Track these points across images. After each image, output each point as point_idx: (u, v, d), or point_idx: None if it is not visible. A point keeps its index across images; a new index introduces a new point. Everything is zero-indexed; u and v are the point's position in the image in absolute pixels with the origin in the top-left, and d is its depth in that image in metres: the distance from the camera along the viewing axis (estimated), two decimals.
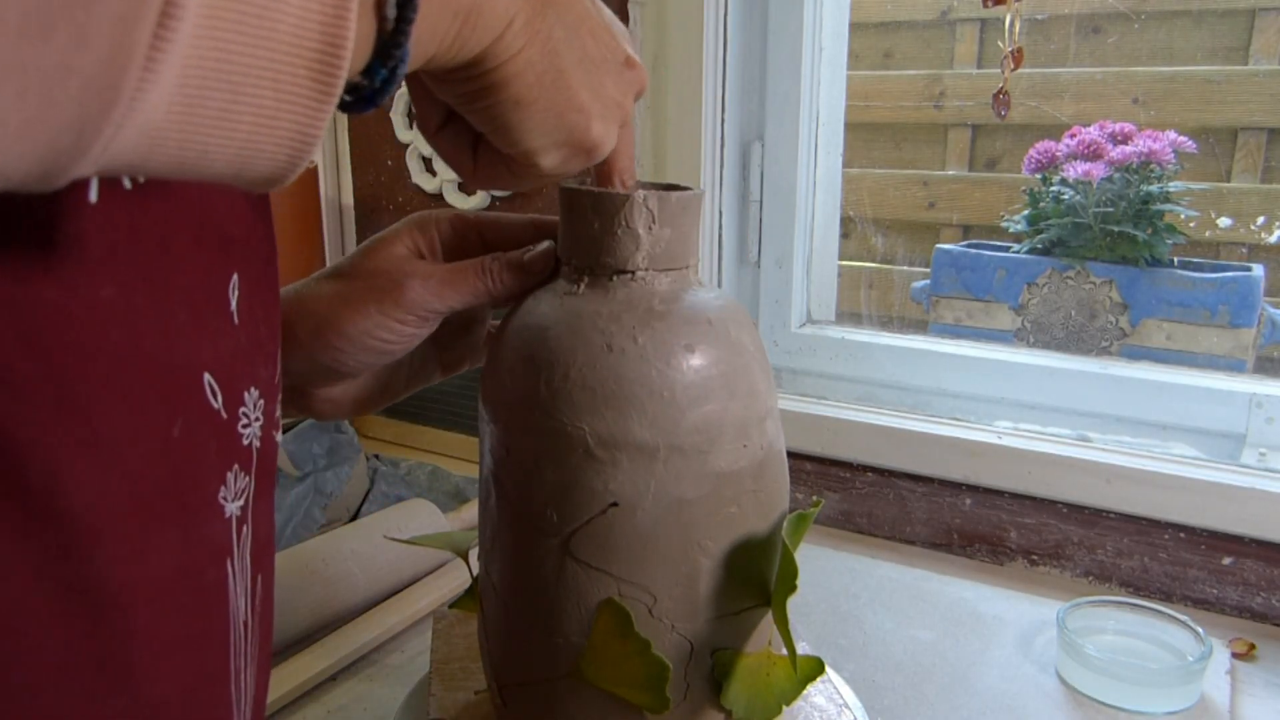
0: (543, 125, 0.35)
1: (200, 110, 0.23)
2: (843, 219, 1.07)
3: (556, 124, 0.36)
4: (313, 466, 0.88)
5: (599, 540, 0.41)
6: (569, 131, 0.36)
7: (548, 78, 0.34)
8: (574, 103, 0.36)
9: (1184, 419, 0.86)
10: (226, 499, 0.33)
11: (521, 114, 0.35)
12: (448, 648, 0.57)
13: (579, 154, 0.37)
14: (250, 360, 0.34)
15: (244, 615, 0.35)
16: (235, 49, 0.22)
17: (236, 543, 0.34)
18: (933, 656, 0.71)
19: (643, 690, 0.40)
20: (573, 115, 0.36)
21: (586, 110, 0.36)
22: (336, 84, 0.25)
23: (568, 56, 0.35)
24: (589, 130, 0.37)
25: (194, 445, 0.31)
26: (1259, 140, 1.02)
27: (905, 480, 0.91)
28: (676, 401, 0.40)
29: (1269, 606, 0.77)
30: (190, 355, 0.31)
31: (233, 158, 0.24)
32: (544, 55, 0.34)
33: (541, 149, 0.36)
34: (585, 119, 0.36)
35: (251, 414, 0.34)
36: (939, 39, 1.21)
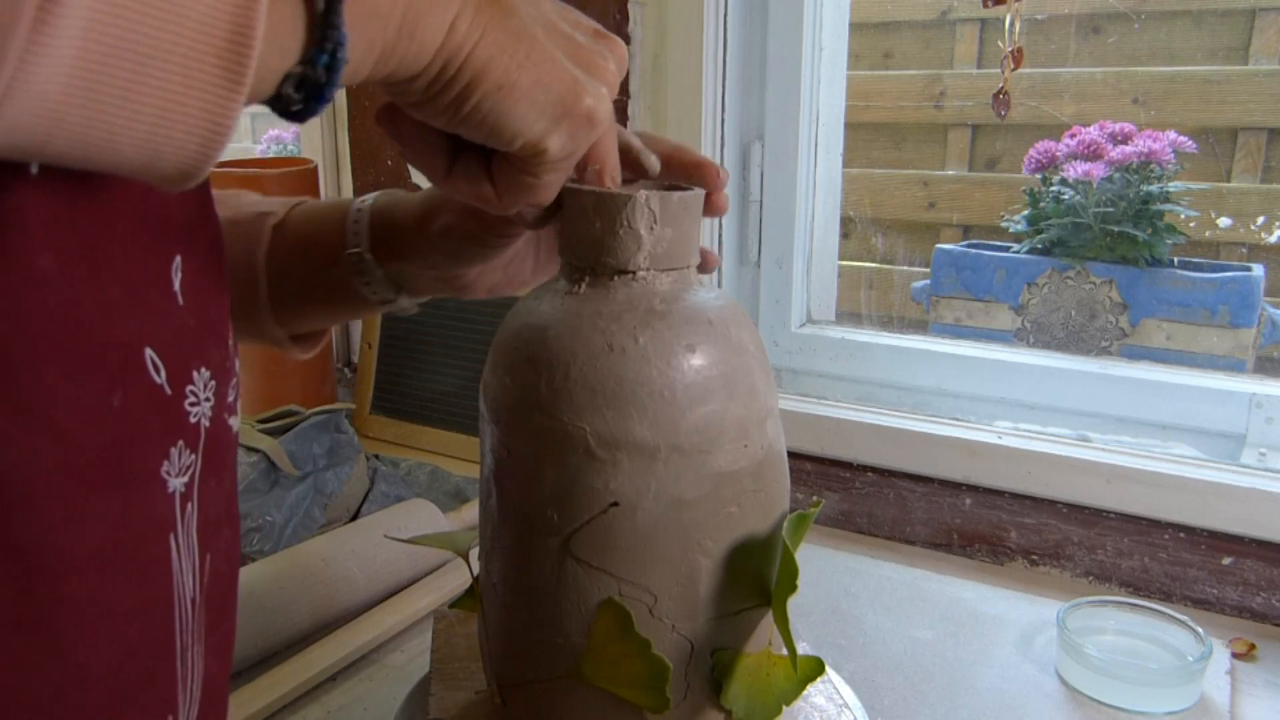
0: (534, 104, 0.35)
1: (102, 88, 0.22)
2: (843, 219, 1.07)
3: (546, 98, 0.35)
4: (313, 466, 0.88)
5: (599, 540, 0.41)
6: (561, 102, 0.36)
7: (520, 55, 0.34)
8: (556, 72, 0.35)
9: (1184, 419, 0.86)
10: (170, 474, 0.33)
11: (510, 99, 0.34)
12: (448, 648, 0.57)
13: (580, 125, 0.37)
14: (198, 341, 0.34)
15: (191, 593, 0.35)
16: (140, 26, 0.22)
17: (180, 519, 0.34)
18: (933, 656, 0.71)
19: (643, 690, 0.40)
20: (559, 85, 0.36)
21: (571, 76, 0.36)
22: (246, 72, 0.25)
23: (534, 31, 0.35)
24: (580, 96, 0.36)
25: (134, 417, 0.31)
26: (1259, 140, 1.02)
27: (905, 480, 0.91)
28: (677, 401, 0.40)
29: (1269, 606, 0.77)
30: (130, 329, 0.31)
31: (141, 143, 0.24)
32: (509, 36, 0.34)
33: (542, 132, 0.36)
34: (573, 84, 0.36)
35: (201, 393, 0.34)
36: (939, 39, 1.21)
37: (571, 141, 0.37)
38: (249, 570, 0.72)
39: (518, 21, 0.34)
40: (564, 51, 0.36)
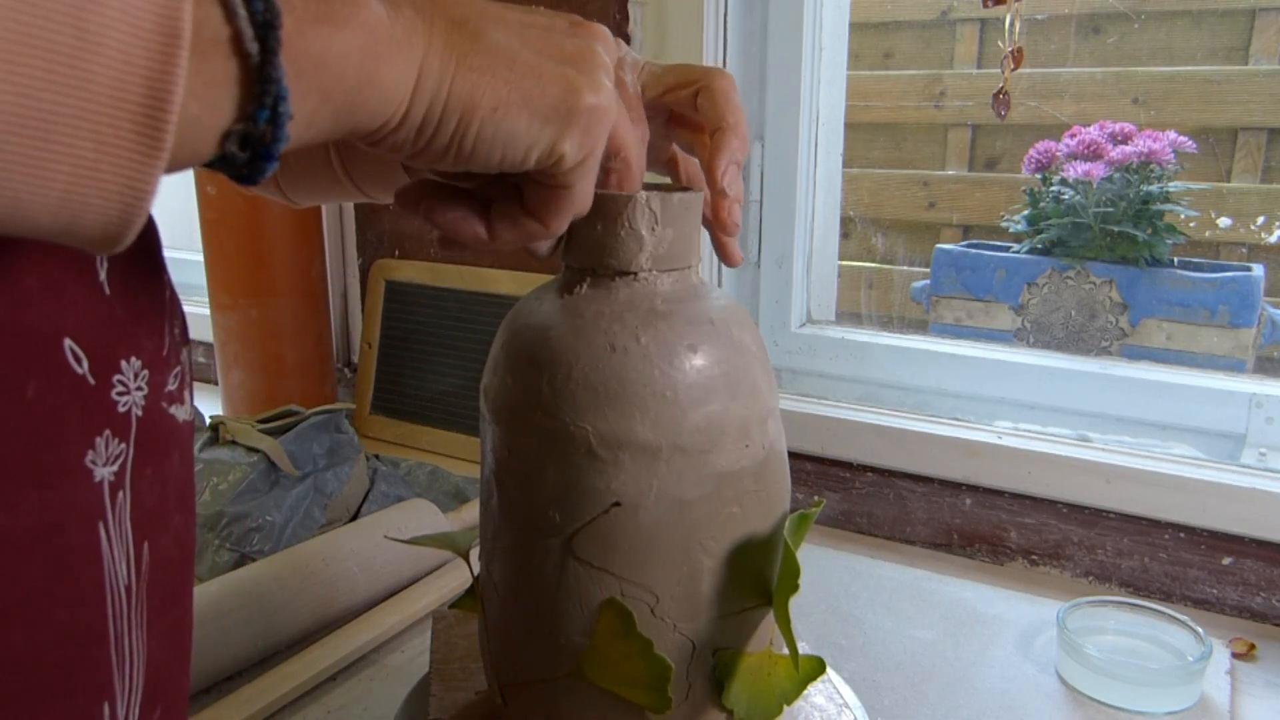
0: (535, 114, 0.34)
1: (3, 158, 0.22)
2: (843, 219, 1.07)
3: (545, 104, 0.34)
4: (313, 466, 0.88)
5: (601, 540, 0.41)
6: (562, 103, 0.34)
7: (503, 71, 0.33)
8: (546, 76, 0.34)
9: (1184, 419, 0.87)
10: (95, 463, 0.33)
11: (509, 118, 0.33)
12: (448, 648, 0.57)
13: (588, 119, 0.35)
14: (126, 331, 0.34)
15: (125, 579, 0.35)
16: (41, 95, 0.22)
17: (111, 508, 0.35)
18: (933, 656, 0.71)
19: (644, 690, 0.40)
20: (554, 88, 0.34)
21: (563, 75, 0.35)
22: (164, 137, 0.24)
23: (509, 43, 0.34)
24: (579, 91, 0.35)
25: (52, 408, 0.31)
26: (1259, 140, 1.02)
27: (905, 480, 0.91)
28: (679, 401, 0.40)
29: (1269, 606, 0.77)
30: (45, 320, 0.31)
31: (55, 210, 0.24)
32: (485, 57, 0.33)
33: (553, 138, 0.35)
34: (567, 82, 0.35)
35: (131, 383, 0.34)
36: (939, 39, 1.21)
37: (586, 138, 0.36)
38: (249, 570, 0.72)
39: (489, 39, 0.33)
40: (547, 53, 0.35)
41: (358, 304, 1.25)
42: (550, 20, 0.37)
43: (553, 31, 0.36)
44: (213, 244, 1.09)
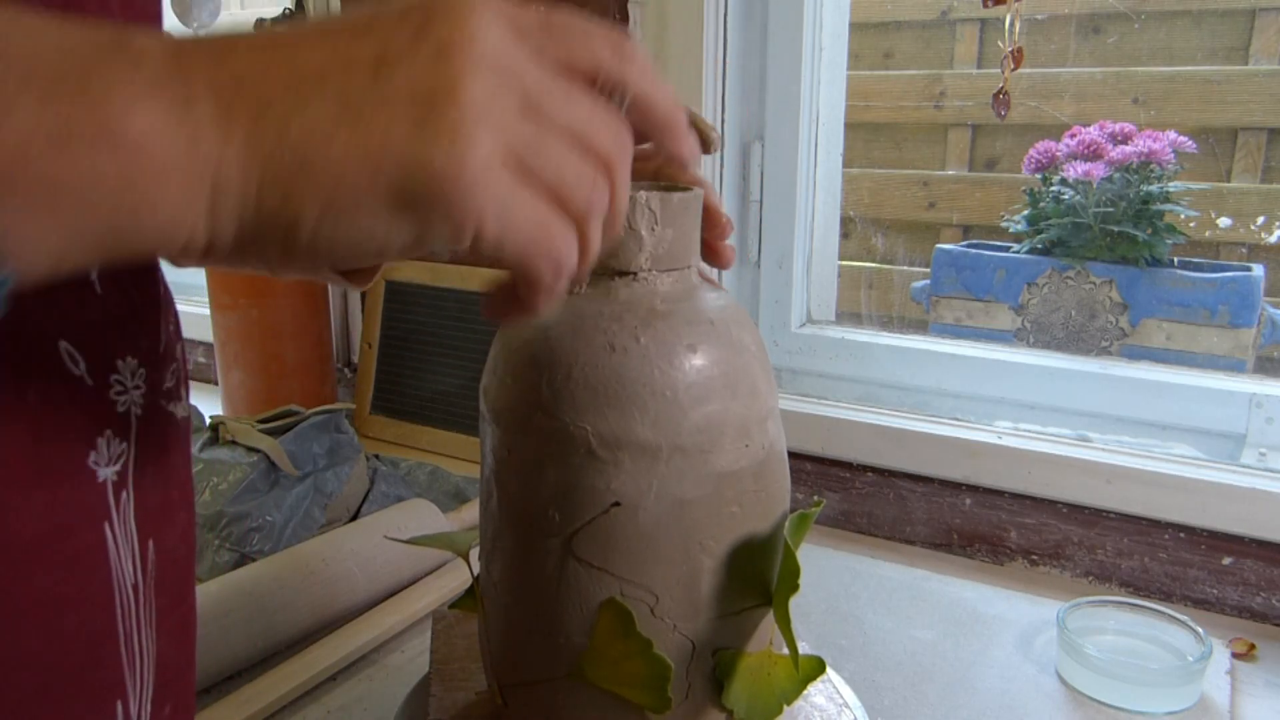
0: (378, 207, 0.26)
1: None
2: (843, 219, 1.07)
3: (384, 193, 0.26)
4: (313, 466, 0.88)
5: (601, 540, 0.41)
6: (409, 188, 0.26)
7: (319, 164, 0.25)
8: (378, 155, 0.25)
9: (1184, 419, 0.86)
10: (99, 464, 0.33)
11: (344, 220, 0.26)
12: (448, 648, 0.57)
13: (475, 193, 0.26)
14: (122, 329, 0.34)
15: (132, 579, 0.35)
16: None
17: (115, 508, 0.34)
18: (933, 656, 0.71)
19: (644, 690, 0.40)
20: (392, 167, 0.25)
21: (402, 147, 0.25)
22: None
23: (324, 122, 0.25)
24: (427, 165, 0.25)
25: (54, 411, 0.31)
26: (1259, 140, 1.02)
27: (905, 480, 0.91)
28: (679, 401, 0.40)
29: (1269, 606, 0.77)
30: (40, 325, 0.31)
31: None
32: (296, 151, 0.25)
33: (417, 232, 0.26)
34: (409, 157, 0.25)
35: (129, 382, 0.34)
36: (939, 39, 1.21)
37: (495, 208, 0.27)
38: (249, 570, 0.72)
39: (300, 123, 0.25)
40: (380, 117, 0.25)
41: (358, 304, 1.25)
42: (385, 40, 0.26)
43: (389, 65, 0.26)
44: None
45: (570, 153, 0.28)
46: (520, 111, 0.27)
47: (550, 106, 0.28)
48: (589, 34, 0.29)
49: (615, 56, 0.30)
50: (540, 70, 0.28)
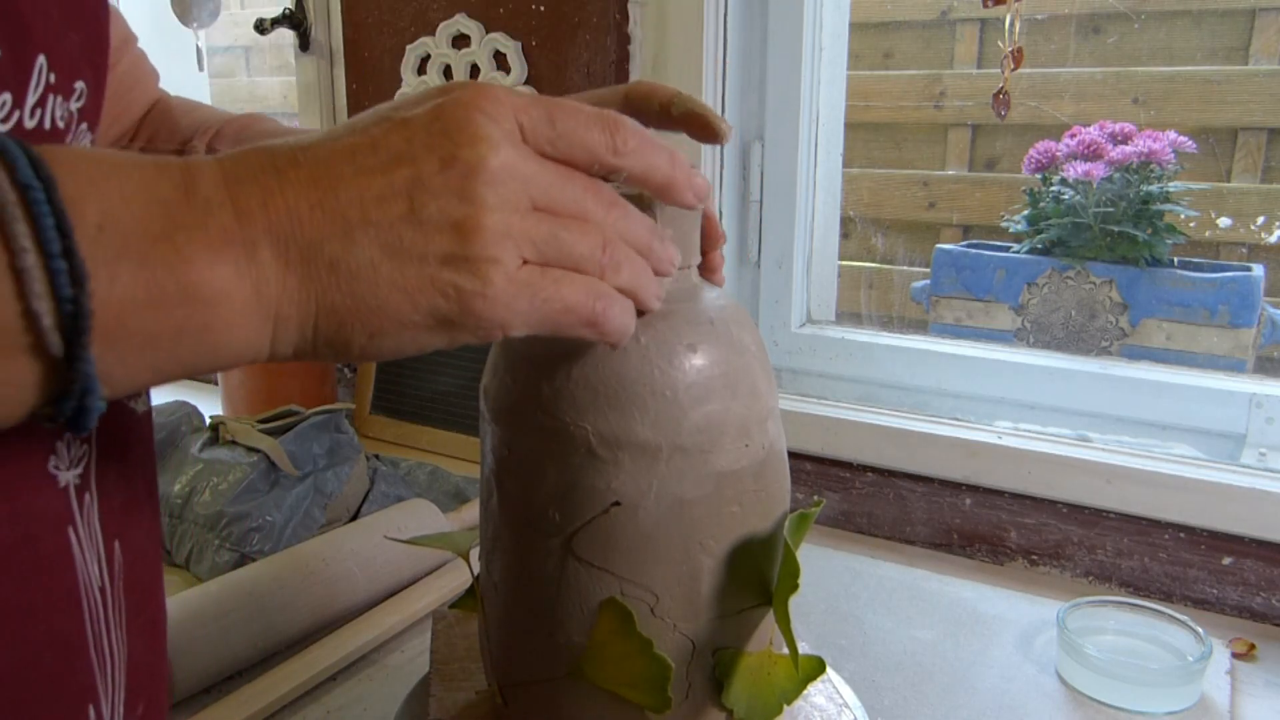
0: (418, 329, 0.30)
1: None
2: (843, 219, 1.07)
3: (424, 319, 0.30)
4: (313, 466, 0.88)
5: (601, 540, 0.41)
6: (445, 315, 0.30)
7: (368, 299, 0.29)
8: (416, 289, 0.29)
9: (1184, 419, 0.86)
10: (59, 468, 0.33)
11: (390, 339, 0.30)
12: (448, 648, 0.57)
13: (502, 300, 0.30)
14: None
15: (99, 581, 0.35)
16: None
17: (79, 511, 0.34)
18: (933, 656, 0.71)
19: (644, 690, 0.40)
20: (427, 299, 0.30)
21: (437, 283, 0.30)
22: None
23: (369, 259, 0.29)
24: (459, 297, 0.30)
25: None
26: (1259, 140, 1.02)
27: (905, 480, 0.91)
28: (679, 401, 0.40)
29: (1269, 606, 0.77)
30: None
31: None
32: (345, 289, 0.29)
33: (450, 340, 0.31)
34: (441, 291, 0.30)
35: None
36: (939, 39, 1.21)
37: (520, 302, 0.31)
38: (249, 570, 0.72)
39: (348, 263, 0.29)
40: (417, 248, 0.29)
41: None
42: (416, 169, 0.30)
43: (420, 197, 0.29)
44: None
45: (581, 236, 0.32)
46: (534, 212, 0.31)
47: (558, 200, 0.32)
48: (587, 124, 0.33)
49: (608, 142, 0.33)
50: (547, 173, 0.32)
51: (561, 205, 0.32)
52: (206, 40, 1.30)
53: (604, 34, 0.99)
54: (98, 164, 0.26)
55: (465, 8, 1.08)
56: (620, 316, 0.34)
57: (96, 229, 0.25)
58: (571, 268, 0.32)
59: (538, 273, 0.31)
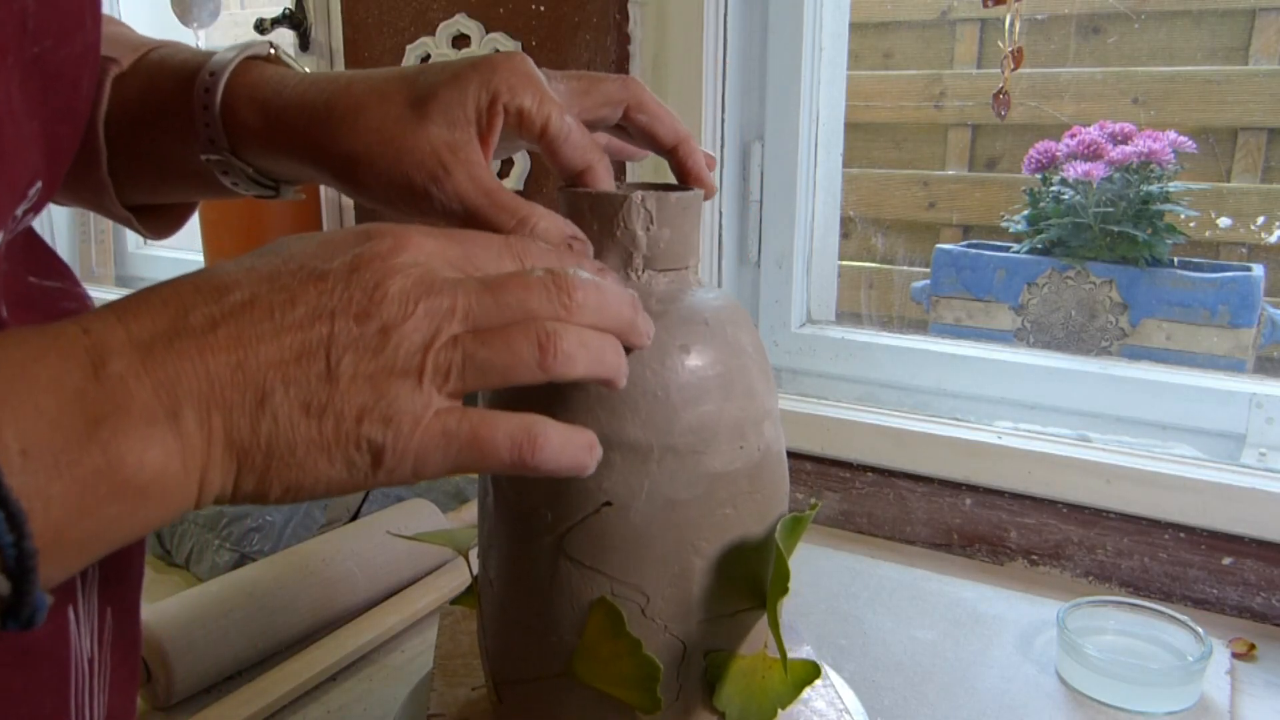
0: (335, 478, 0.30)
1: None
2: (843, 219, 1.07)
3: (342, 470, 0.30)
4: None
5: (592, 539, 0.41)
6: (362, 464, 0.30)
7: (284, 458, 0.29)
8: (332, 446, 0.30)
9: (1184, 419, 0.86)
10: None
11: (307, 487, 0.30)
12: (452, 643, 0.57)
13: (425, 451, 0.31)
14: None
15: (89, 653, 0.35)
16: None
17: (81, 587, 0.34)
18: (933, 656, 0.71)
19: (634, 690, 0.40)
20: (343, 454, 0.30)
21: (355, 440, 0.30)
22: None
23: (289, 420, 0.29)
24: (377, 451, 0.30)
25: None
26: (1259, 140, 1.02)
27: (905, 480, 0.91)
28: (670, 402, 0.40)
29: (1269, 606, 0.77)
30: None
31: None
32: (264, 450, 0.29)
33: (366, 477, 0.31)
34: (359, 446, 0.30)
35: None
36: (939, 39, 1.21)
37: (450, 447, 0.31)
38: (249, 570, 0.72)
39: (268, 422, 0.29)
40: (334, 404, 0.29)
41: None
42: (333, 325, 0.30)
43: (337, 351, 0.30)
44: (212, 244, 1.09)
45: (507, 348, 0.31)
46: (457, 342, 0.31)
47: (493, 318, 0.32)
48: (494, 248, 0.34)
49: (516, 261, 0.34)
50: (470, 296, 0.31)
51: (499, 319, 0.32)
52: (206, 40, 1.31)
53: (604, 34, 0.99)
54: (0, 373, 0.25)
55: (465, 8, 1.08)
56: (555, 459, 0.33)
57: (21, 456, 0.24)
58: (507, 377, 0.32)
59: (455, 418, 0.31)
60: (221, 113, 0.42)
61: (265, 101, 0.41)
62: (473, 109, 0.39)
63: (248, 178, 0.44)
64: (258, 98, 0.42)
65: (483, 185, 0.38)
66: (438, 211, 0.39)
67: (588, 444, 0.34)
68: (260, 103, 0.41)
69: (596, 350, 0.33)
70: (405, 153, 0.38)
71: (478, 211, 0.38)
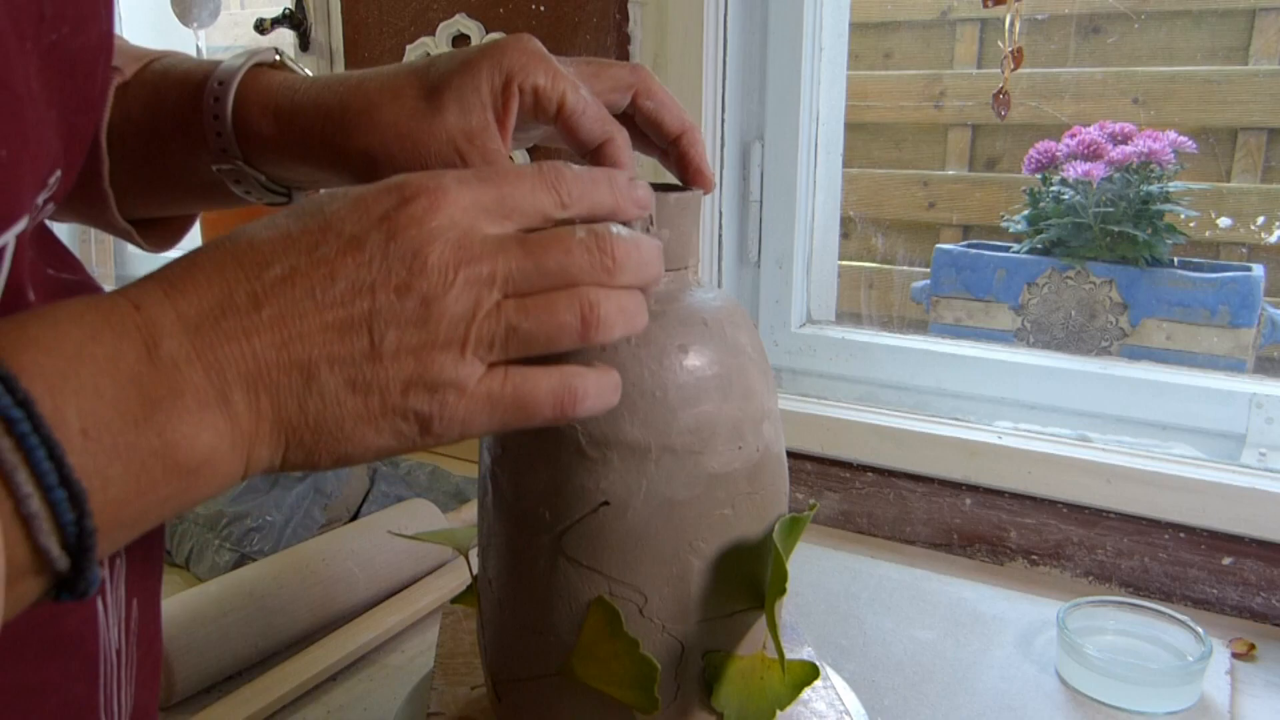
0: (384, 446, 0.31)
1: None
2: (843, 219, 1.07)
3: (389, 440, 0.31)
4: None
5: (590, 539, 0.41)
6: (407, 437, 0.31)
7: (332, 433, 0.30)
8: (380, 418, 0.30)
9: (1184, 419, 0.86)
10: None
11: (357, 455, 0.31)
12: (453, 642, 0.57)
13: (458, 415, 0.31)
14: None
15: (117, 644, 0.35)
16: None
17: (110, 578, 0.34)
18: (933, 656, 0.71)
19: (632, 689, 0.40)
20: (390, 425, 0.31)
21: (400, 411, 0.30)
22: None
23: (335, 397, 0.30)
24: (419, 426, 0.31)
25: None
26: (1259, 140, 1.02)
27: (905, 480, 0.91)
28: (668, 402, 0.40)
29: (1269, 606, 0.77)
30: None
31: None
32: (313, 428, 0.30)
33: (416, 443, 0.32)
34: (405, 417, 0.31)
35: None
36: (939, 39, 1.21)
37: (481, 406, 0.32)
38: (249, 570, 0.72)
39: (316, 402, 0.29)
40: (379, 380, 0.30)
41: None
42: (374, 298, 0.30)
43: (380, 326, 0.30)
44: None
45: (550, 308, 0.32)
46: (498, 307, 0.31)
47: (534, 283, 0.31)
48: (533, 189, 0.33)
49: (555, 199, 0.33)
50: (511, 261, 0.31)
51: (541, 284, 0.32)
52: (206, 40, 1.31)
53: (604, 34, 0.99)
54: (60, 351, 0.26)
55: (465, 7, 1.08)
56: (592, 407, 0.34)
57: (81, 436, 0.25)
58: (547, 346, 0.32)
59: (498, 382, 0.31)
60: (233, 121, 0.42)
61: (278, 107, 0.41)
62: (487, 92, 0.39)
63: (260, 185, 0.44)
64: (269, 104, 0.41)
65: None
66: None
67: (615, 384, 0.34)
68: (273, 109, 0.41)
69: (630, 313, 0.33)
70: (422, 146, 0.38)
71: None
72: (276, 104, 0.41)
